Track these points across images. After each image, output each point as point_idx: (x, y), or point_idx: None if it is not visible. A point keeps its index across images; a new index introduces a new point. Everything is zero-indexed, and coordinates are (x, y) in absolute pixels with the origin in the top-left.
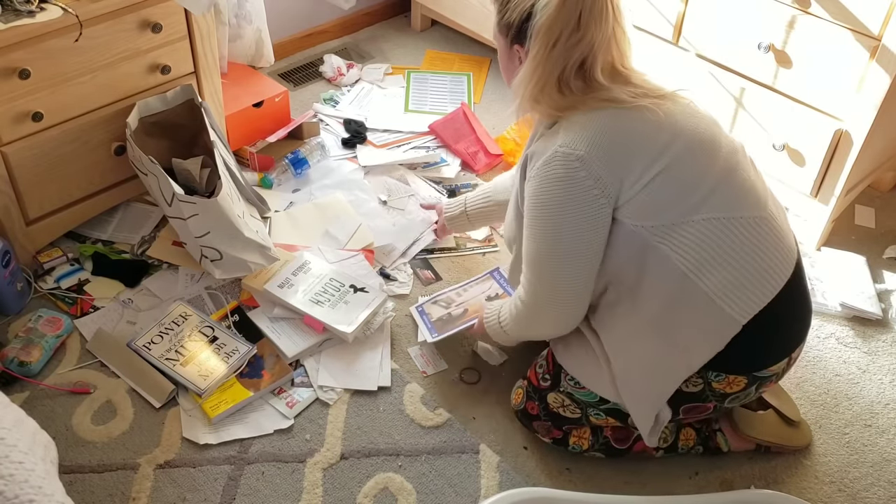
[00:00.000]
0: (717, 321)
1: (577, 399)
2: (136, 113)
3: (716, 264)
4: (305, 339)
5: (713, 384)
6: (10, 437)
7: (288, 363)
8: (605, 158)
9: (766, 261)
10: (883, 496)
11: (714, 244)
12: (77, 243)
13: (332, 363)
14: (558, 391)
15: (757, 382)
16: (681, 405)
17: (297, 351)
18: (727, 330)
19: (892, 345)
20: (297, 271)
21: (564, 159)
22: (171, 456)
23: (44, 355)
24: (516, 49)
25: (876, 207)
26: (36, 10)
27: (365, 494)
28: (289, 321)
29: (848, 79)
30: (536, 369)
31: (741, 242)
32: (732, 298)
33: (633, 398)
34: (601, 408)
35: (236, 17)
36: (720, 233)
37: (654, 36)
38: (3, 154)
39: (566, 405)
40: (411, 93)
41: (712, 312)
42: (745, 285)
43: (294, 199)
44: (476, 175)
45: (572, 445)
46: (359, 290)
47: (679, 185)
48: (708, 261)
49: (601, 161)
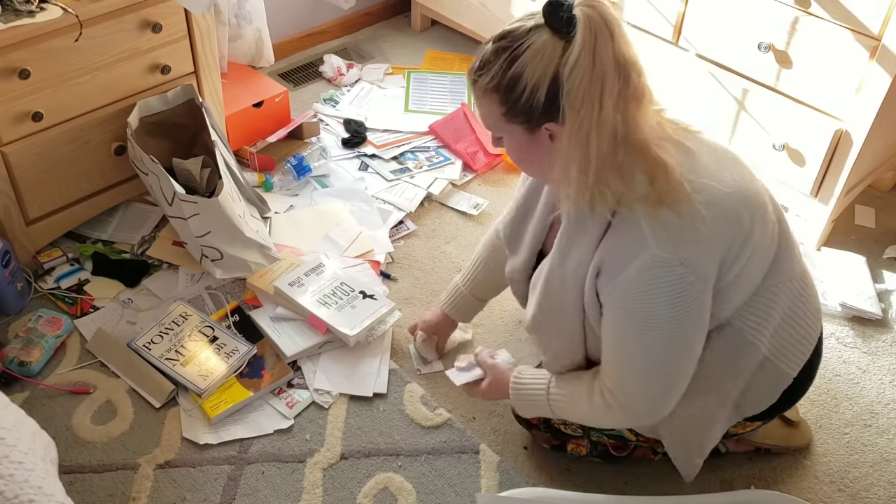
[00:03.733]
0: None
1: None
2: (136, 113)
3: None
4: (306, 339)
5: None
6: (10, 437)
7: (287, 363)
8: (707, 254)
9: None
10: (883, 496)
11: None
12: (77, 243)
13: (331, 366)
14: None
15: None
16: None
17: (296, 351)
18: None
19: (892, 345)
20: (309, 272)
21: (667, 266)
22: (171, 456)
23: (44, 355)
24: (545, 129)
25: (876, 207)
26: (36, 10)
27: (365, 494)
28: (290, 322)
29: (848, 79)
30: None
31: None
32: (787, 355)
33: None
34: (605, 433)
35: (236, 17)
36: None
37: (654, 36)
38: (3, 154)
39: (567, 423)
40: (411, 93)
41: (769, 370)
42: (800, 341)
43: (294, 202)
44: (476, 174)
45: (570, 451)
46: (368, 297)
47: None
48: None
49: (706, 258)
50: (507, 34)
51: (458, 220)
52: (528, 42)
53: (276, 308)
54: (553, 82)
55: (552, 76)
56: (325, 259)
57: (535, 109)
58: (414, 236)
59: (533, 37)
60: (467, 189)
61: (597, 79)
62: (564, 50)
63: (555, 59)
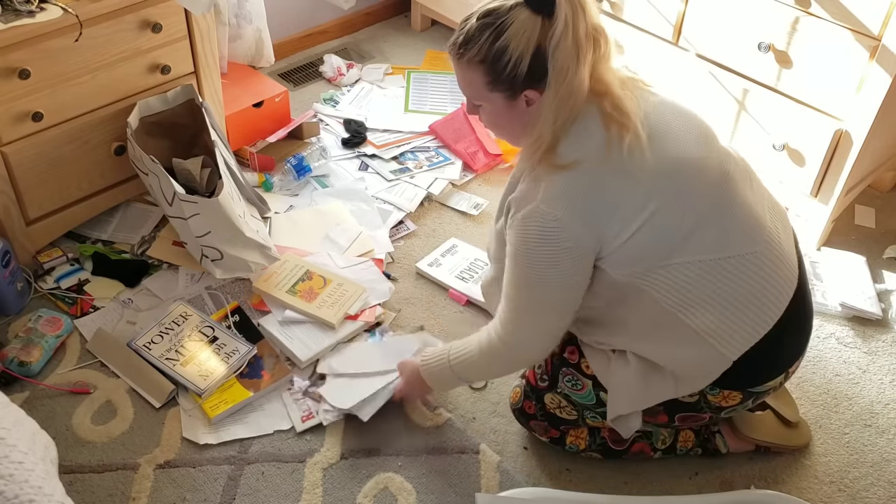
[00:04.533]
0: (707, 357)
1: (574, 401)
2: (136, 113)
3: (703, 304)
4: (318, 342)
5: (708, 397)
6: (10, 437)
7: (302, 367)
8: (583, 218)
9: (759, 297)
10: (883, 496)
11: (699, 286)
12: (77, 243)
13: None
14: (555, 392)
15: (753, 397)
16: (676, 413)
17: (310, 355)
18: (717, 366)
19: (892, 345)
20: (445, 253)
21: (542, 219)
22: (171, 456)
23: (44, 355)
24: (525, 96)
25: (876, 207)
26: (36, 10)
27: (365, 494)
28: (300, 325)
29: (848, 79)
30: (536, 369)
31: (730, 283)
32: (723, 337)
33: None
34: (597, 410)
35: (236, 17)
36: (706, 274)
37: (654, 36)
38: (3, 154)
39: (563, 406)
40: (411, 93)
41: (702, 349)
42: (737, 324)
43: (294, 202)
44: (476, 175)
45: (569, 445)
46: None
47: (661, 233)
48: (694, 301)
49: (580, 220)
50: (490, 12)
51: (458, 220)
52: (511, 19)
53: (283, 311)
54: (535, 54)
55: (534, 49)
56: (456, 240)
57: (518, 79)
58: (414, 236)
59: (514, 14)
60: (467, 189)
61: (574, 48)
62: (544, 25)
63: (536, 33)
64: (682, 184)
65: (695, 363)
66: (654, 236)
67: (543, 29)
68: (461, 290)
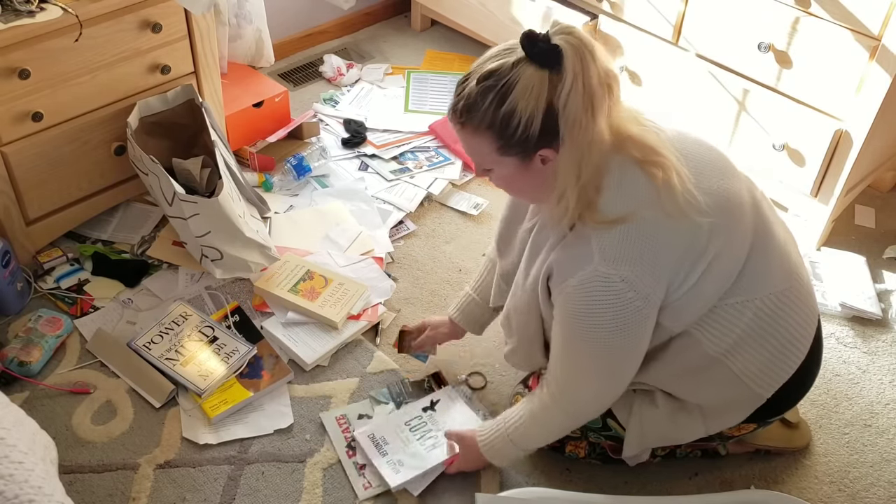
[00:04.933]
0: (742, 397)
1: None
2: (136, 113)
3: (746, 347)
4: (323, 344)
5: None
6: (10, 437)
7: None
8: (652, 271)
9: (795, 336)
10: (883, 496)
11: (745, 328)
12: (77, 243)
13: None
14: None
15: (766, 425)
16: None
17: (315, 357)
18: (750, 405)
19: (892, 345)
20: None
21: (606, 281)
22: (171, 456)
23: (44, 355)
24: (539, 156)
25: (876, 207)
26: (36, 10)
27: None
28: (303, 326)
29: (848, 79)
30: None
31: (772, 323)
32: (762, 378)
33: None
34: (602, 433)
35: (236, 17)
36: (752, 315)
37: (654, 36)
38: (3, 154)
39: None
40: (411, 93)
41: (738, 389)
42: (777, 365)
43: (294, 202)
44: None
45: (568, 453)
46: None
47: (723, 273)
48: (739, 344)
49: (649, 275)
50: (491, 73)
51: (458, 220)
52: (515, 78)
53: (286, 313)
54: (547, 112)
55: (545, 107)
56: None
57: (531, 140)
58: (414, 236)
59: (518, 72)
60: (467, 189)
61: (588, 99)
62: (552, 80)
63: (544, 90)
64: (732, 217)
65: (728, 402)
66: (717, 277)
67: (552, 84)
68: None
